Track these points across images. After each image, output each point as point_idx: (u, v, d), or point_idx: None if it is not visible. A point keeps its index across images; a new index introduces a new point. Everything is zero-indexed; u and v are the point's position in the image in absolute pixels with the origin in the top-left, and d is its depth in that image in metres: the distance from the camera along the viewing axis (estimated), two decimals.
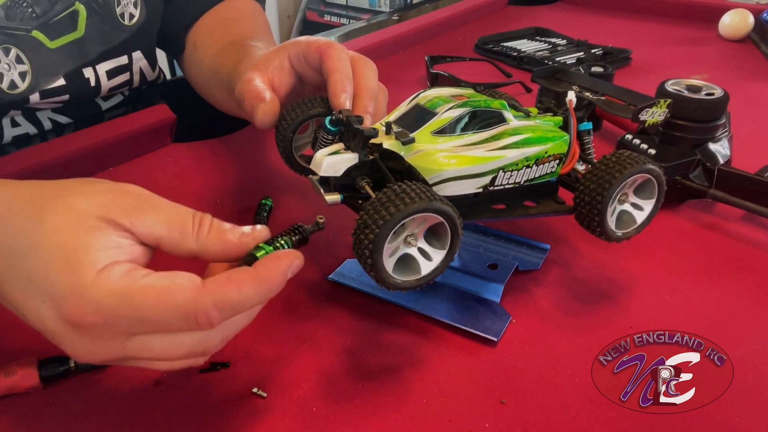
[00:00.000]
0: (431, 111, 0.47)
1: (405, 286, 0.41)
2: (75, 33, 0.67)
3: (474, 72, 1.07)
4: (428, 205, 0.39)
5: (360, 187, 0.45)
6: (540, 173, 0.50)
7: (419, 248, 0.42)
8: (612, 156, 0.48)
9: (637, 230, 0.51)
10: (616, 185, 0.47)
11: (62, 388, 0.44)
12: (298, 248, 0.40)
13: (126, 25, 0.72)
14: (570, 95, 0.51)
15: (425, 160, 0.44)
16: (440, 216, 0.40)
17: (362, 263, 0.40)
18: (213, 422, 0.42)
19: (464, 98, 0.48)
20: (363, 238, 0.39)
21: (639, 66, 1.11)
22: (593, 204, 0.47)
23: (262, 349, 0.47)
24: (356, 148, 0.44)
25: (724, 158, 0.65)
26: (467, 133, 0.46)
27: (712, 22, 1.27)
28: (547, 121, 0.52)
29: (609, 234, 0.49)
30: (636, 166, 0.47)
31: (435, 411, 0.42)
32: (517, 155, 0.47)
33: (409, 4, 3.10)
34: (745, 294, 0.54)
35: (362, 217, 0.39)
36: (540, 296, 0.53)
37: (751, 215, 0.63)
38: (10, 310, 0.37)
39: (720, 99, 0.64)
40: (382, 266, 0.39)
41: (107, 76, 0.74)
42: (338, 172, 0.44)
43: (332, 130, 0.47)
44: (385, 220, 0.38)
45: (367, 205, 0.39)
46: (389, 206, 0.38)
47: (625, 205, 0.50)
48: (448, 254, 0.42)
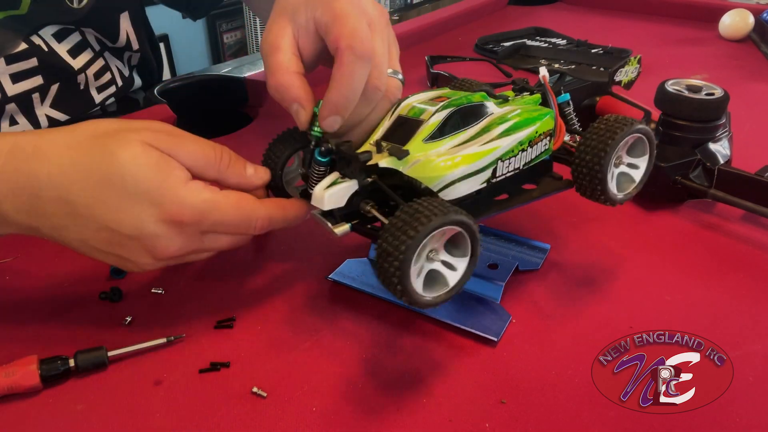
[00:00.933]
0: (416, 119, 0.46)
1: (437, 301, 0.40)
2: (17, 11, 0.67)
3: (474, 72, 1.07)
4: (445, 219, 0.38)
5: (366, 212, 0.45)
6: (536, 154, 0.50)
7: (442, 261, 0.41)
8: (600, 123, 0.49)
9: (637, 188, 0.52)
10: (611, 151, 0.47)
11: (62, 388, 0.44)
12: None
13: (75, 8, 0.71)
14: (542, 71, 0.51)
15: (426, 169, 0.43)
16: (458, 226, 0.39)
17: (392, 290, 0.39)
18: (213, 422, 0.42)
19: (444, 99, 0.47)
20: (388, 266, 0.38)
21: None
22: (593, 174, 0.48)
23: (262, 349, 0.47)
24: (353, 174, 0.44)
25: (724, 158, 0.65)
26: (457, 132, 0.46)
27: (712, 22, 1.27)
28: (527, 102, 0.52)
29: (613, 199, 0.50)
30: (626, 128, 0.48)
31: (435, 411, 0.42)
32: (511, 142, 0.47)
33: (409, 4, 3.09)
34: (746, 294, 0.53)
35: (381, 246, 0.38)
36: (540, 296, 0.53)
37: (751, 215, 0.63)
38: (10, 310, 0.37)
39: (720, 99, 0.64)
40: (413, 290, 0.38)
41: (70, 55, 0.73)
42: (341, 203, 0.44)
43: (323, 161, 0.46)
44: (407, 245, 0.37)
45: (384, 232, 0.38)
46: (407, 230, 0.37)
47: (621, 167, 0.51)
48: (471, 260, 0.42)
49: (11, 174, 0.42)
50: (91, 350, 0.45)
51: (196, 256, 0.47)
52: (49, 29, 0.71)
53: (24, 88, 0.70)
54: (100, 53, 0.78)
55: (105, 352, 0.45)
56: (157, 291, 0.53)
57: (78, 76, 0.75)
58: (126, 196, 0.42)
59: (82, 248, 0.45)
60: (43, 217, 0.43)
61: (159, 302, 0.53)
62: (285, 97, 0.47)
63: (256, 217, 0.46)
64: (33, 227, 0.44)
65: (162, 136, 0.44)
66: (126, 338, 0.47)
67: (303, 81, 0.47)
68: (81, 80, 0.76)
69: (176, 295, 0.53)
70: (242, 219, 0.45)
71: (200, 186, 0.44)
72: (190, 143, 0.45)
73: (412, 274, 0.38)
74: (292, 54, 0.47)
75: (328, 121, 0.45)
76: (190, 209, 0.43)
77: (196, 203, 0.43)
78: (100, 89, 0.79)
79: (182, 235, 0.44)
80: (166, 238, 0.43)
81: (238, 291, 0.54)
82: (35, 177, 0.42)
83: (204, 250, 0.46)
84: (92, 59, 0.77)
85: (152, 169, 0.42)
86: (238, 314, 0.51)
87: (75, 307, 0.52)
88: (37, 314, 0.51)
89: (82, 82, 0.76)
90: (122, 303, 0.52)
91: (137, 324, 0.50)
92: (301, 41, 0.48)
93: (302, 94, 0.46)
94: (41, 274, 0.56)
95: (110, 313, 0.51)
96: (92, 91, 0.78)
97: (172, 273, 0.55)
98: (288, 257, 0.58)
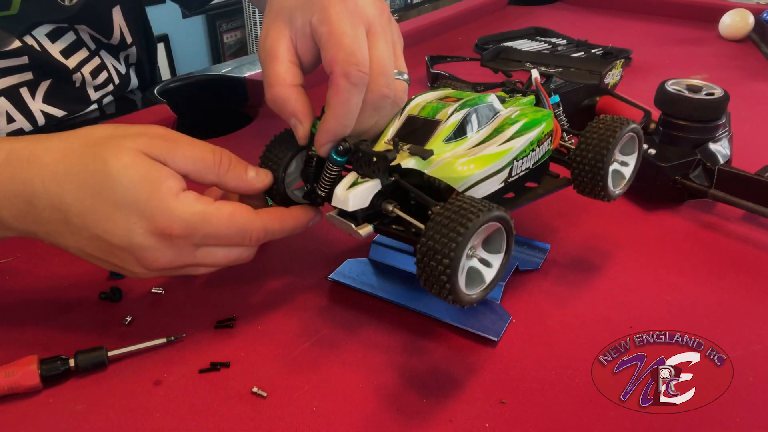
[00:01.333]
0: (433, 120, 0.46)
1: (477, 299, 0.40)
2: (8, 11, 0.67)
3: (474, 72, 1.07)
4: (490, 215, 0.38)
5: (389, 212, 0.44)
6: (542, 153, 0.51)
7: (480, 258, 0.41)
8: (598, 123, 0.51)
9: (628, 184, 0.54)
10: (613, 149, 0.49)
11: (62, 388, 0.44)
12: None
13: (66, 6, 0.70)
14: (534, 73, 0.53)
15: (450, 169, 0.43)
16: (499, 222, 0.40)
17: (437, 289, 0.38)
18: (213, 422, 0.42)
19: (452, 99, 0.48)
20: (436, 264, 0.37)
21: (639, 66, 1.11)
22: (596, 171, 0.50)
23: (262, 349, 0.47)
24: (375, 173, 0.43)
25: (724, 158, 0.65)
26: (474, 132, 0.47)
27: (712, 22, 1.27)
28: (524, 103, 0.53)
29: (611, 195, 0.52)
30: (624, 126, 0.50)
31: (435, 411, 0.42)
32: (524, 142, 0.48)
33: (409, 4, 3.10)
34: (745, 294, 0.53)
35: (426, 244, 0.38)
36: (540, 296, 0.53)
37: (751, 215, 0.63)
38: (10, 310, 0.37)
39: (720, 99, 0.64)
40: (459, 287, 0.38)
41: (63, 55, 0.74)
42: (366, 203, 0.43)
43: (340, 161, 0.45)
44: (457, 242, 0.37)
45: (428, 230, 0.38)
46: (455, 227, 0.37)
47: (614, 164, 0.52)
48: (506, 256, 0.42)
49: (7, 181, 0.42)
50: (91, 350, 0.45)
51: (194, 270, 0.46)
52: (42, 29, 0.71)
53: (11, 83, 0.70)
54: (95, 52, 0.78)
55: (105, 352, 0.45)
56: (157, 291, 0.53)
57: (73, 75, 0.75)
58: (116, 206, 0.41)
59: (78, 253, 0.45)
60: (39, 223, 0.43)
61: (159, 302, 0.53)
62: (283, 111, 0.46)
63: (250, 229, 0.45)
64: (31, 232, 0.44)
65: (158, 141, 0.43)
66: (126, 338, 0.47)
67: (301, 93, 0.46)
68: (77, 79, 0.76)
69: (176, 295, 0.53)
70: (236, 231, 0.44)
71: (192, 198, 0.43)
72: (187, 147, 0.44)
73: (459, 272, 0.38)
74: (290, 63, 0.46)
75: (326, 148, 0.45)
76: (180, 222, 0.42)
77: (186, 216, 0.42)
78: (97, 88, 0.80)
79: (173, 248, 0.43)
80: (155, 249, 0.42)
81: (238, 291, 0.54)
82: (30, 184, 0.42)
83: (199, 264, 0.45)
84: (87, 58, 0.77)
85: (142, 179, 0.41)
86: (238, 314, 0.51)
87: (75, 307, 0.52)
88: (37, 314, 0.51)
89: (78, 81, 0.76)
90: (122, 303, 0.52)
91: (137, 324, 0.50)
92: (299, 45, 0.46)
93: (300, 107, 0.46)
94: (41, 275, 0.56)
95: (110, 313, 0.51)
96: (89, 90, 0.79)
97: None
98: (288, 257, 0.58)
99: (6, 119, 0.71)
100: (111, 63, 0.82)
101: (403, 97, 0.48)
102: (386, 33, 0.47)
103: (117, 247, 0.42)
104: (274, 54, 0.46)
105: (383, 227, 0.45)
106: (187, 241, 0.43)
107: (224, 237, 0.44)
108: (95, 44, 0.78)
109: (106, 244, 0.42)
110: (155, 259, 0.43)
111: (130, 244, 0.42)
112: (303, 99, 0.46)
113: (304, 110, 0.46)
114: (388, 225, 0.45)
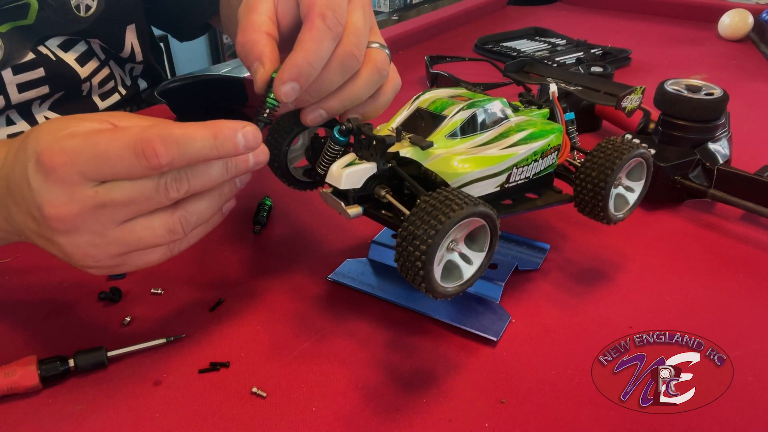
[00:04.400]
0: (439, 114, 0.46)
1: (452, 293, 0.41)
2: (24, 21, 0.67)
3: (474, 72, 1.07)
4: (474, 210, 0.38)
5: (381, 197, 0.44)
6: (544, 166, 0.51)
7: (460, 253, 0.41)
8: (607, 144, 0.50)
9: (631, 210, 0.53)
10: (617, 171, 0.49)
11: (62, 388, 0.44)
12: None
13: (82, 17, 0.71)
14: (552, 87, 0.52)
15: (446, 164, 0.44)
16: (483, 219, 0.40)
17: (411, 275, 0.39)
18: (213, 422, 0.42)
19: (464, 98, 0.48)
20: (413, 249, 0.37)
21: (639, 66, 1.11)
22: (597, 190, 0.49)
23: (262, 349, 0.47)
24: (372, 157, 0.43)
25: (723, 158, 0.65)
26: (478, 132, 0.47)
27: (711, 22, 1.27)
28: (537, 115, 0.53)
29: (611, 217, 0.51)
30: (631, 150, 0.49)
31: (435, 411, 0.42)
32: (527, 150, 0.48)
33: (409, 4, 3.10)
34: (745, 294, 0.53)
35: (407, 229, 0.38)
36: (540, 296, 0.53)
37: (751, 215, 0.63)
38: (10, 310, 0.37)
39: (719, 99, 0.64)
40: (433, 277, 0.39)
41: (78, 63, 0.74)
42: (358, 184, 0.43)
43: (341, 140, 0.45)
44: (436, 230, 0.37)
45: (411, 216, 0.38)
46: (437, 215, 0.37)
47: (618, 188, 0.52)
48: (487, 255, 0.42)
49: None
50: (91, 350, 0.45)
51: (144, 255, 0.41)
52: (54, 40, 0.71)
53: (28, 97, 0.70)
54: (105, 62, 0.79)
55: (104, 352, 0.45)
56: (156, 291, 0.53)
57: (83, 84, 0.75)
58: (24, 156, 0.38)
59: (32, 239, 0.41)
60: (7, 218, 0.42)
61: (158, 302, 0.52)
62: (249, 55, 0.43)
63: (140, 139, 0.36)
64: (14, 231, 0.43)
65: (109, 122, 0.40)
66: (125, 338, 0.47)
67: (270, 41, 0.44)
68: (85, 88, 0.76)
69: (176, 295, 0.53)
70: (123, 145, 0.36)
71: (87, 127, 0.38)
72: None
73: (435, 261, 0.38)
74: (267, 17, 0.45)
75: (286, 88, 0.41)
76: (59, 150, 0.37)
77: (66, 144, 0.37)
78: (103, 96, 0.80)
79: (63, 186, 0.37)
80: (46, 190, 0.37)
81: (238, 291, 0.54)
82: None
83: (130, 246, 0.39)
84: (98, 68, 0.77)
85: (48, 131, 0.38)
86: (238, 314, 0.51)
87: (75, 307, 0.52)
88: (37, 314, 0.51)
89: (86, 89, 0.77)
90: (122, 303, 0.52)
91: (137, 324, 0.50)
92: (281, 8, 0.45)
93: (267, 52, 0.43)
94: (41, 274, 0.55)
95: (110, 313, 0.51)
96: (95, 98, 0.79)
97: (172, 273, 0.55)
98: (288, 257, 0.58)
99: (6, 121, 0.71)
100: (119, 74, 0.82)
101: (385, 66, 0.47)
102: (365, 7, 0.46)
103: (25, 206, 0.39)
104: (253, 7, 0.45)
105: (373, 211, 0.45)
106: (73, 170, 0.36)
107: (111, 158, 0.36)
108: (105, 54, 0.78)
109: (23, 207, 0.39)
110: (49, 202, 0.37)
111: (29, 194, 0.38)
112: (272, 45, 0.44)
113: (270, 55, 0.43)
114: (378, 210, 0.45)
